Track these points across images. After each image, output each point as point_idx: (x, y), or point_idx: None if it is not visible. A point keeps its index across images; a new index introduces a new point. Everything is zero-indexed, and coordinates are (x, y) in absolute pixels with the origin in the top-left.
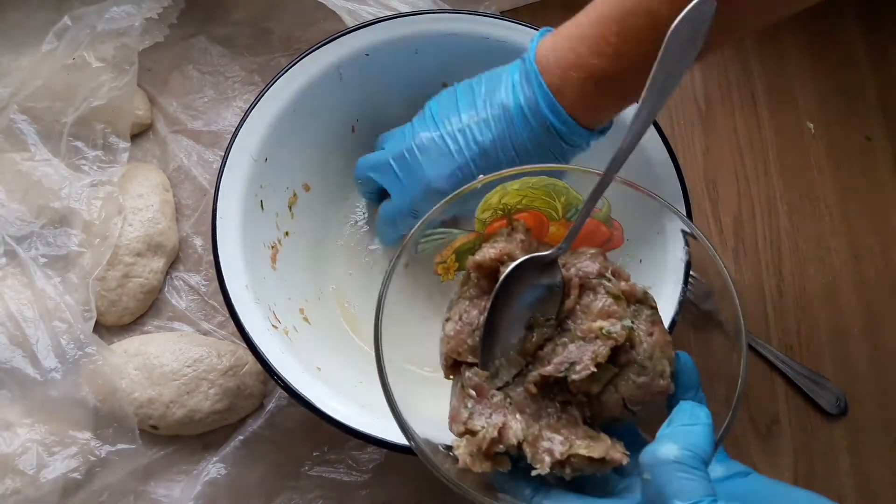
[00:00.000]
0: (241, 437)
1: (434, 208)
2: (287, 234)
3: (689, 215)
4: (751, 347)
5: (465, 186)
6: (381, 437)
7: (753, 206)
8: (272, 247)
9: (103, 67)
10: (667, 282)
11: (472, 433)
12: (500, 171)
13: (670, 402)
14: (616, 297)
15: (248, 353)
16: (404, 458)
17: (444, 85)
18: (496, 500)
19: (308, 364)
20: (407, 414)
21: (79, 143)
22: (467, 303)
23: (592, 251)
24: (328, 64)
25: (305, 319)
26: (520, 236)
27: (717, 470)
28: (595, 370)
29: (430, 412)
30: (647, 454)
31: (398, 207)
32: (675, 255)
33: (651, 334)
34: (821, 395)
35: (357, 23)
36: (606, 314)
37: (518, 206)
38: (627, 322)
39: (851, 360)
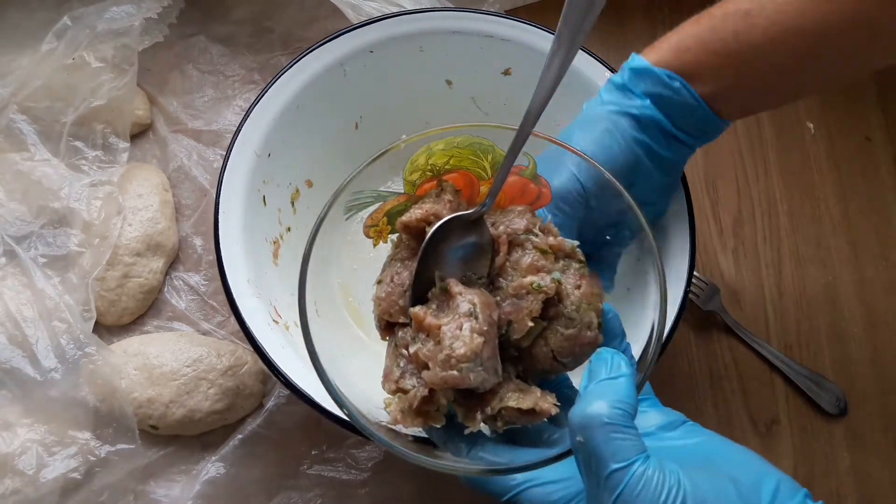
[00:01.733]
0: (240, 437)
1: (356, 170)
2: (289, 229)
3: (690, 215)
4: (751, 347)
5: (388, 146)
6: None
7: (753, 206)
8: (274, 242)
9: (103, 67)
10: (669, 280)
11: (404, 391)
12: (424, 131)
13: None
14: (543, 252)
15: (248, 352)
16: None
17: (448, 83)
18: (433, 456)
19: (308, 359)
20: (336, 377)
21: (79, 143)
22: (399, 265)
23: (520, 209)
24: (332, 60)
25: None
26: (448, 197)
27: (652, 418)
28: (532, 325)
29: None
30: (575, 415)
31: None
32: (676, 255)
33: (578, 287)
34: (821, 395)
35: (361, 19)
36: (535, 269)
37: (446, 167)
38: (556, 275)
39: (851, 360)
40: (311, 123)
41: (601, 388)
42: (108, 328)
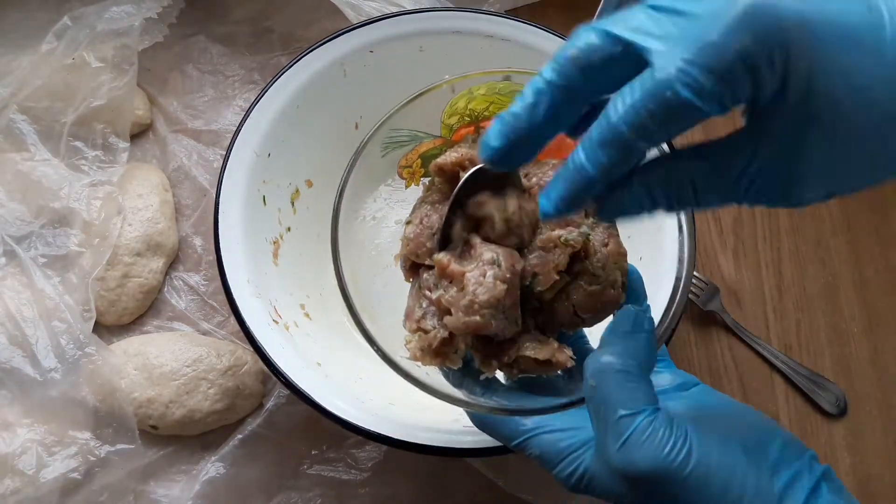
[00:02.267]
0: (240, 437)
1: (398, 105)
2: (289, 229)
3: (691, 213)
4: (751, 347)
5: (431, 85)
6: (382, 433)
7: (752, 207)
8: (274, 242)
9: (103, 67)
10: (667, 278)
11: (425, 331)
12: (467, 73)
13: None
14: None
15: (248, 352)
16: (404, 456)
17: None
18: (448, 391)
19: (308, 359)
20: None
21: (78, 143)
22: (429, 207)
23: (555, 162)
24: (332, 60)
25: (307, 315)
26: None
27: (666, 378)
28: (557, 278)
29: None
30: (592, 360)
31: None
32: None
33: (606, 245)
34: (821, 395)
35: (361, 19)
36: (565, 223)
37: (485, 113)
38: (585, 229)
39: (851, 360)
40: (311, 123)
41: (620, 339)
42: (108, 328)
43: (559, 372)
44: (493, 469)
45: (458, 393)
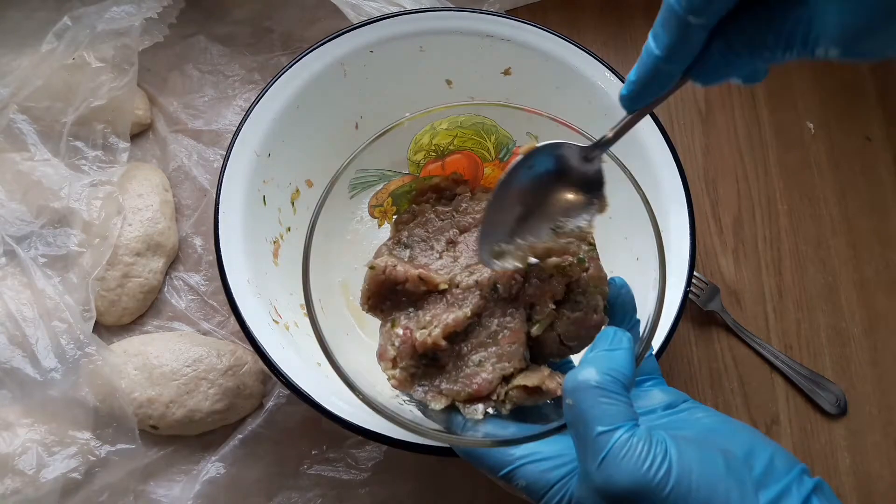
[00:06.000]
0: (240, 437)
1: (362, 145)
2: (289, 229)
3: (691, 214)
4: (751, 347)
5: (391, 124)
6: (382, 432)
7: (753, 206)
8: (274, 242)
9: (103, 67)
10: (669, 279)
11: (401, 368)
12: (427, 109)
13: None
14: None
15: (248, 352)
16: (403, 456)
17: (448, 82)
18: (434, 429)
19: (308, 359)
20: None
21: (79, 143)
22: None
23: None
24: (332, 60)
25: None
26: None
27: (656, 397)
28: (553, 307)
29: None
30: (569, 379)
31: None
32: (677, 254)
33: (586, 269)
34: (821, 395)
35: (361, 19)
36: (562, 251)
37: (450, 147)
38: (582, 257)
39: (851, 360)
40: (311, 123)
41: (598, 357)
42: (108, 328)
43: (548, 401)
44: None
45: (443, 431)
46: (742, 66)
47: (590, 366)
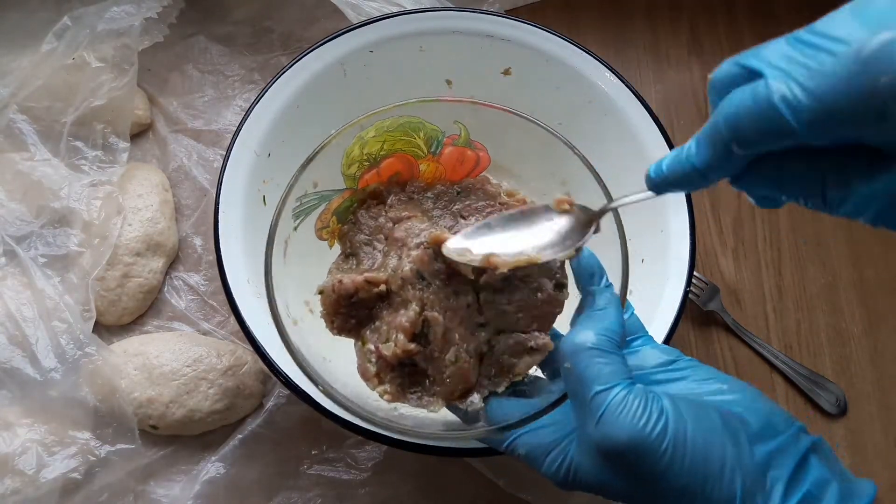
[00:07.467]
0: (240, 437)
1: (294, 174)
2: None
3: (691, 214)
4: (751, 347)
5: (320, 144)
6: (382, 433)
7: (753, 206)
8: None
9: (103, 67)
10: (669, 279)
11: (387, 382)
12: (349, 122)
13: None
14: None
15: (248, 352)
16: (403, 456)
17: (448, 83)
18: (432, 431)
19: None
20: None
21: (79, 143)
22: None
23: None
24: (332, 60)
25: (311, 311)
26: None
27: (649, 357)
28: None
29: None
30: (566, 343)
31: None
32: (677, 255)
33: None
34: (821, 395)
35: (361, 19)
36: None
37: (382, 153)
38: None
39: (851, 360)
40: (311, 123)
41: (589, 317)
42: (108, 328)
43: (543, 374)
44: (493, 469)
45: (445, 430)
46: (774, 196)
47: (584, 328)
